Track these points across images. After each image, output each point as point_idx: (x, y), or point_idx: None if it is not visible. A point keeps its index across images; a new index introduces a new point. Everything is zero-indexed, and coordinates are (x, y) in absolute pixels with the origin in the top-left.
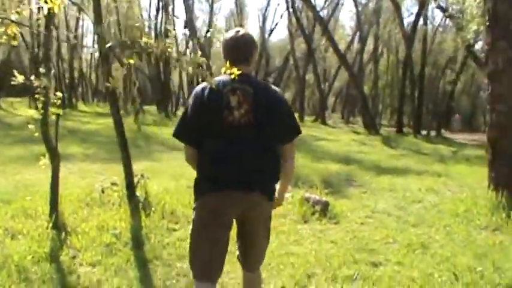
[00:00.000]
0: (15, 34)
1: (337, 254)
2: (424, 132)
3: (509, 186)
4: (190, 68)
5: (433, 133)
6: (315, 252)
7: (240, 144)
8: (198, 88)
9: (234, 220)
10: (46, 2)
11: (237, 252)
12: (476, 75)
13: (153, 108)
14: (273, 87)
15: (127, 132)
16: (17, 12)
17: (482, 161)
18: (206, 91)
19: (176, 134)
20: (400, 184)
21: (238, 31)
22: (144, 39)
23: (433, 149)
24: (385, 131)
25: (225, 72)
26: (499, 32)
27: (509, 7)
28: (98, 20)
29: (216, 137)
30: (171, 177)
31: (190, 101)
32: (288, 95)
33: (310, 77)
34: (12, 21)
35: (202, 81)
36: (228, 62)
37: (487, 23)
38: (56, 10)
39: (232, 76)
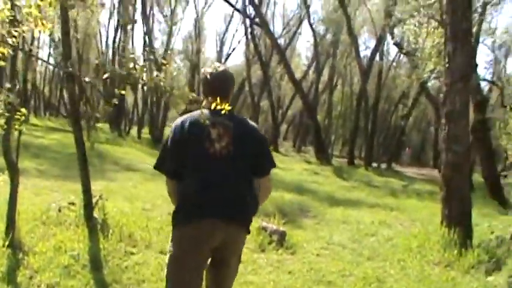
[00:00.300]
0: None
1: (295, 285)
2: (375, 164)
3: (461, 223)
4: (180, 101)
5: (383, 166)
6: (273, 283)
7: (221, 175)
8: (178, 121)
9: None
10: (36, 26)
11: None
12: (427, 111)
13: (106, 126)
14: (251, 122)
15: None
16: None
17: (432, 196)
18: (186, 124)
19: (157, 167)
20: (353, 216)
21: (218, 67)
22: (136, 70)
23: (384, 182)
24: (336, 162)
25: (203, 107)
26: (458, 75)
27: (468, 51)
28: (65, 39)
29: (197, 168)
30: (125, 198)
31: (170, 134)
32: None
33: (264, 103)
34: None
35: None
36: (208, 97)
37: (447, 65)
38: (44, 32)
39: (213, 109)
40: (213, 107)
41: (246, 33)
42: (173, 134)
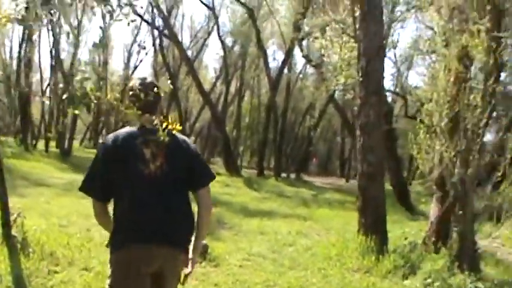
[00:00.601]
0: None
1: None
2: (284, 174)
3: (377, 231)
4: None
5: (293, 176)
6: None
7: (156, 197)
8: (108, 140)
9: None
10: None
11: None
12: (333, 121)
13: (10, 140)
14: (181, 136)
15: None
16: None
17: (343, 205)
18: (118, 143)
19: (84, 190)
20: (269, 227)
21: (145, 78)
22: (92, 91)
23: (295, 192)
24: (246, 173)
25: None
26: (372, 88)
27: (380, 66)
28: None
29: (131, 191)
30: (40, 215)
31: (100, 154)
32: None
33: (172, 115)
34: None
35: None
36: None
37: (361, 79)
38: None
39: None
40: (163, 126)
41: (154, 45)
42: (103, 154)
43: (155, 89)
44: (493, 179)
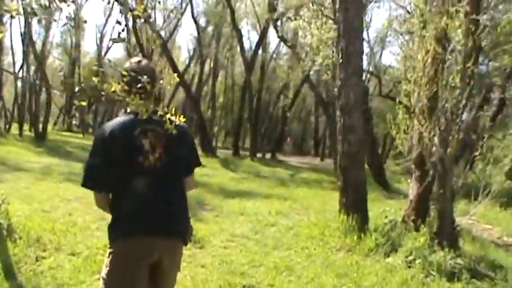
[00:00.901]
0: None
1: (211, 278)
2: (259, 155)
3: (358, 210)
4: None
5: (268, 156)
6: (190, 278)
7: (157, 188)
8: (105, 131)
9: None
10: None
11: None
12: (307, 101)
13: None
14: (180, 124)
15: None
16: None
17: (320, 184)
18: (115, 134)
19: (86, 185)
20: (249, 208)
21: (140, 61)
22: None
23: (271, 172)
24: (221, 154)
25: (126, 111)
26: (351, 70)
27: (360, 47)
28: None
29: (131, 181)
30: (21, 201)
31: (97, 146)
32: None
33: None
34: None
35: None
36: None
37: (340, 60)
38: None
39: (141, 116)
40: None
41: (126, 25)
42: (100, 146)
43: (151, 72)
44: (469, 157)
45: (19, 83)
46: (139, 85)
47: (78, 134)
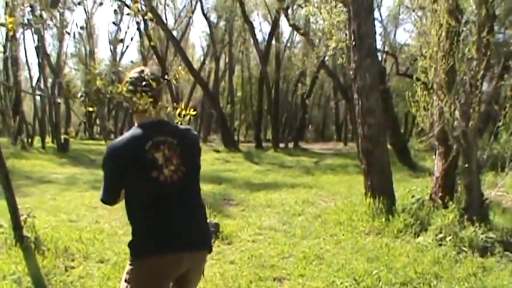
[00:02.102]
0: None
1: (241, 274)
2: (282, 145)
3: (384, 192)
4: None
5: (290, 145)
6: (219, 275)
7: (177, 201)
8: (116, 147)
9: None
10: None
11: None
12: (326, 87)
13: (5, 140)
14: (187, 128)
15: None
16: None
17: (345, 169)
18: (125, 152)
19: (106, 201)
20: (276, 199)
21: (142, 71)
22: (110, 87)
23: (295, 162)
24: (244, 147)
25: (139, 125)
26: (365, 51)
27: (371, 28)
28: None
29: (149, 200)
30: (48, 212)
31: (109, 162)
32: None
33: (165, 98)
34: None
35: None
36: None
37: (353, 43)
38: None
39: (148, 125)
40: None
41: (138, 29)
42: (113, 163)
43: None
44: (492, 128)
45: (37, 97)
46: (143, 83)
47: (101, 141)
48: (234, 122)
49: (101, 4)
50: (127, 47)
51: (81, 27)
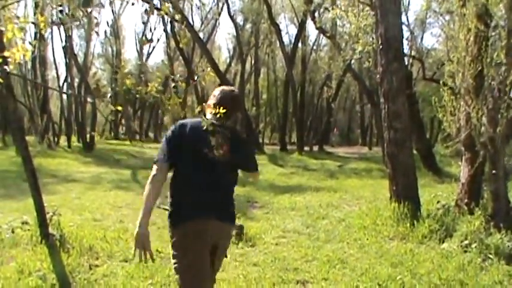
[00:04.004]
0: None
1: (264, 276)
2: (306, 148)
3: (409, 197)
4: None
5: (315, 148)
6: (243, 277)
7: (218, 178)
8: (178, 124)
9: None
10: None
11: None
12: (351, 90)
13: (31, 139)
14: (242, 134)
15: (12, 166)
16: None
17: (370, 173)
18: (187, 128)
19: (156, 161)
20: (300, 202)
21: (233, 90)
22: (140, 87)
23: (320, 165)
24: (268, 150)
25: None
26: (392, 55)
27: (398, 31)
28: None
29: (196, 170)
30: (73, 211)
31: (169, 134)
32: (167, 119)
33: (190, 99)
34: None
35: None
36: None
37: (380, 47)
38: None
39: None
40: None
41: (165, 30)
42: (172, 134)
43: (237, 101)
44: None
45: (64, 96)
46: (173, 84)
47: (126, 142)
48: (259, 124)
49: (132, 4)
50: (153, 48)
51: (108, 24)
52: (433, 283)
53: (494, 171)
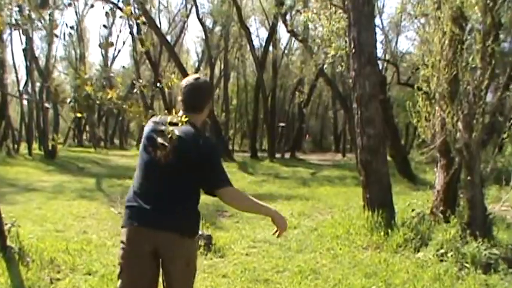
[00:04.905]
0: None
1: None
2: (278, 155)
3: (383, 205)
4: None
5: (287, 156)
6: None
7: (158, 183)
8: (148, 122)
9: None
10: None
11: None
12: (325, 96)
13: None
14: (205, 137)
15: None
16: None
17: (343, 181)
18: (147, 127)
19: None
20: None
21: (197, 78)
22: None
23: (292, 172)
24: (238, 157)
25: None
26: (365, 59)
27: (372, 35)
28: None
29: (140, 173)
30: (33, 222)
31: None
32: (133, 126)
33: (157, 104)
34: None
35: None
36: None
37: (353, 50)
38: None
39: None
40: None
41: (131, 33)
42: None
43: (201, 88)
44: (497, 140)
45: (25, 101)
46: (135, 90)
47: (90, 149)
48: (228, 130)
49: (92, 6)
50: (119, 51)
51: (71, 27)
52: None
53: (470, 178)
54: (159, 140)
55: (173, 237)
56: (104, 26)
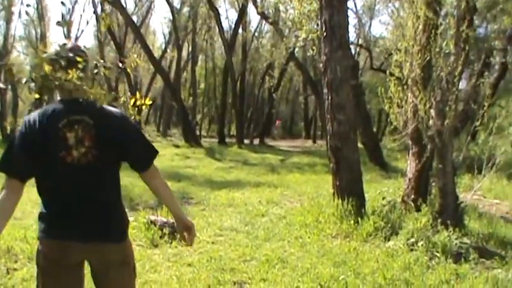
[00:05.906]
0: None
1: (199, 277)
2: (246, 141)
3: (353, 193)
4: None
5: (256, 142)
6: (176, 278)
7: (78, 190)
8: (30, 119)
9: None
10: None
11: None
12: (296, 80)
13: None
14: (116, 111)
15: None
16: None
17: (313, 168)
18: (39, 124)
19: (1, 168)
20: (238, 198)
21: (65, 44)
22: (59, 73)
23: (261, 159)
24: (206, 143)
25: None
26: (336, 43)
27: (344, 18)
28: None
29: (51, 179)
30: None
31: (20, 132)
32: None
33: (122, 87)
34: None
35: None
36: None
37: (325, 34)
38: None
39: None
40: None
41: (95, 12)
42: (23, 135)
43: (78, 55)
44: (470, 128)
45: None
46: (95, 71)
47: None
48: (196, 115)
49: None
50: (82, 31)
51: (28, 5)
52: (378, 283)
53: (441, 166)
54: (72, 136)
55: (104, 246)
56: (62, 2)
